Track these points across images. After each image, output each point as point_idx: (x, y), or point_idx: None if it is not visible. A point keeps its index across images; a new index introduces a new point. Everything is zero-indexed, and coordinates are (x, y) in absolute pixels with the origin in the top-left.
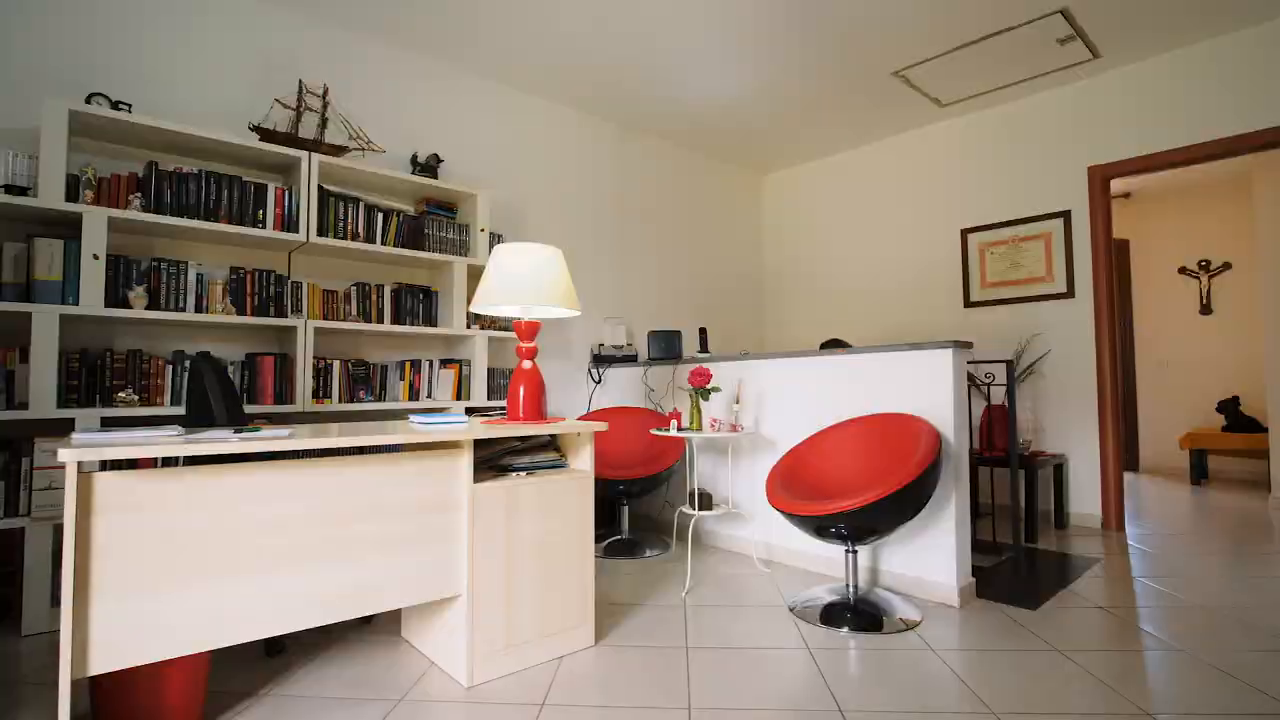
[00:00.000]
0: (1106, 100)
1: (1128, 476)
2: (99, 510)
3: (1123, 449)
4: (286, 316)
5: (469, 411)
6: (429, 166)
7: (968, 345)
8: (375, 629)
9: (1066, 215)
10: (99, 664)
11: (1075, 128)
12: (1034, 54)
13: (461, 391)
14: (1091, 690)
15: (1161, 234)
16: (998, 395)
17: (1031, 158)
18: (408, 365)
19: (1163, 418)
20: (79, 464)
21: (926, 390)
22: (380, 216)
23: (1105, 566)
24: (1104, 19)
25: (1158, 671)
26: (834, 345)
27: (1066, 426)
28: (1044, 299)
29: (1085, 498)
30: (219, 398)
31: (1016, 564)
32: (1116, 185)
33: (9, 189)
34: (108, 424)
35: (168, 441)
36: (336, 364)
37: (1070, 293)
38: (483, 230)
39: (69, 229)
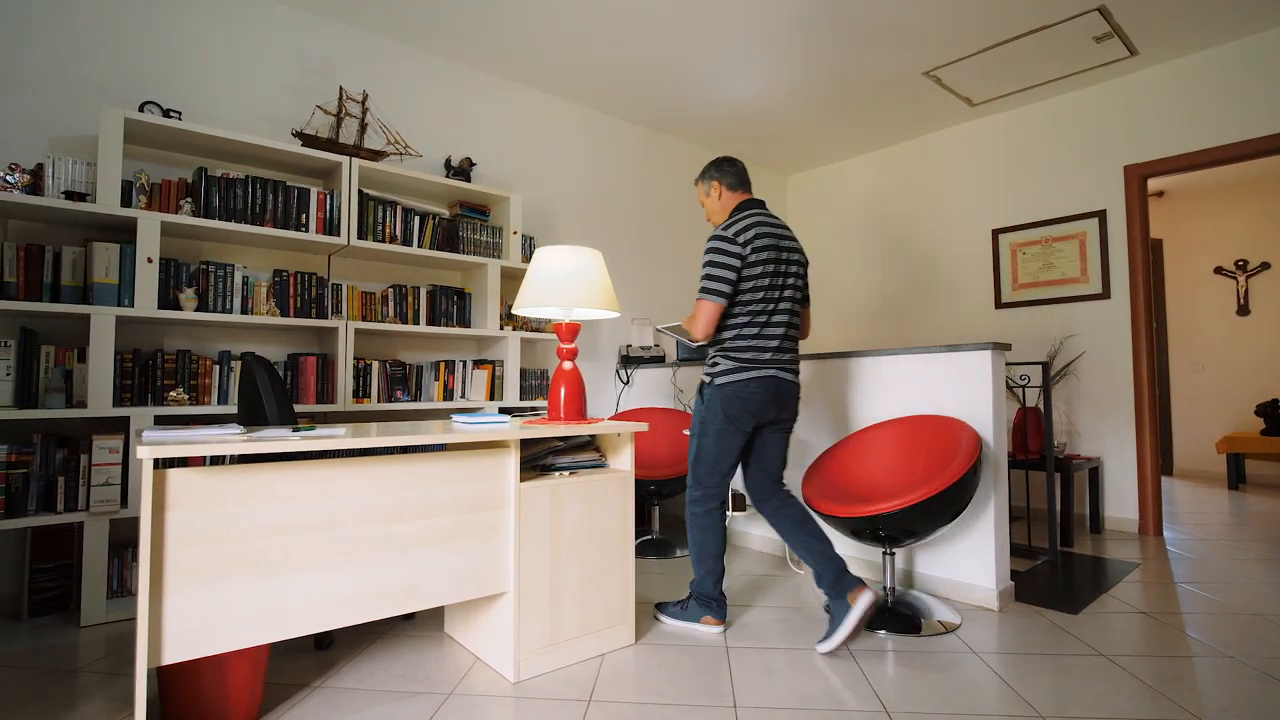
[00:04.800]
0: (1144, 98)
1: (1163, 481)
2: (171, 506)
3: (1159, 453)
4: (327, 318)
5: (503, 411)
6: (462, 170)
7: (1006, 347)
8: (418, 624)
9: (1102, 215)
10: (171, 654)
11: (1111, 126)
12: (1070, 52)
13: (495, 392)
14: (1141, 694)
15: (1197, 233)
16: (1031, 397)
17: (1066, 157)
18: (442, 366)
19: (1198, 421)
20: (160, 460)
21: (964, 392)
22: (417, 219)
23: (1144, 571)
24: (1142, 16)
25: (1207, 677)
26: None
27: (1101, 429)
28: (1078, 300)
29: (1121, 502)
30: (271, 397)
31: (1054, 568)
32: (1150, 184)
33: (69, 195)
34: (160, 422)
35: (236, 440)
36: (375, 364)
37: (1106, 294)
38: (515, 232)
39: (124, 233)
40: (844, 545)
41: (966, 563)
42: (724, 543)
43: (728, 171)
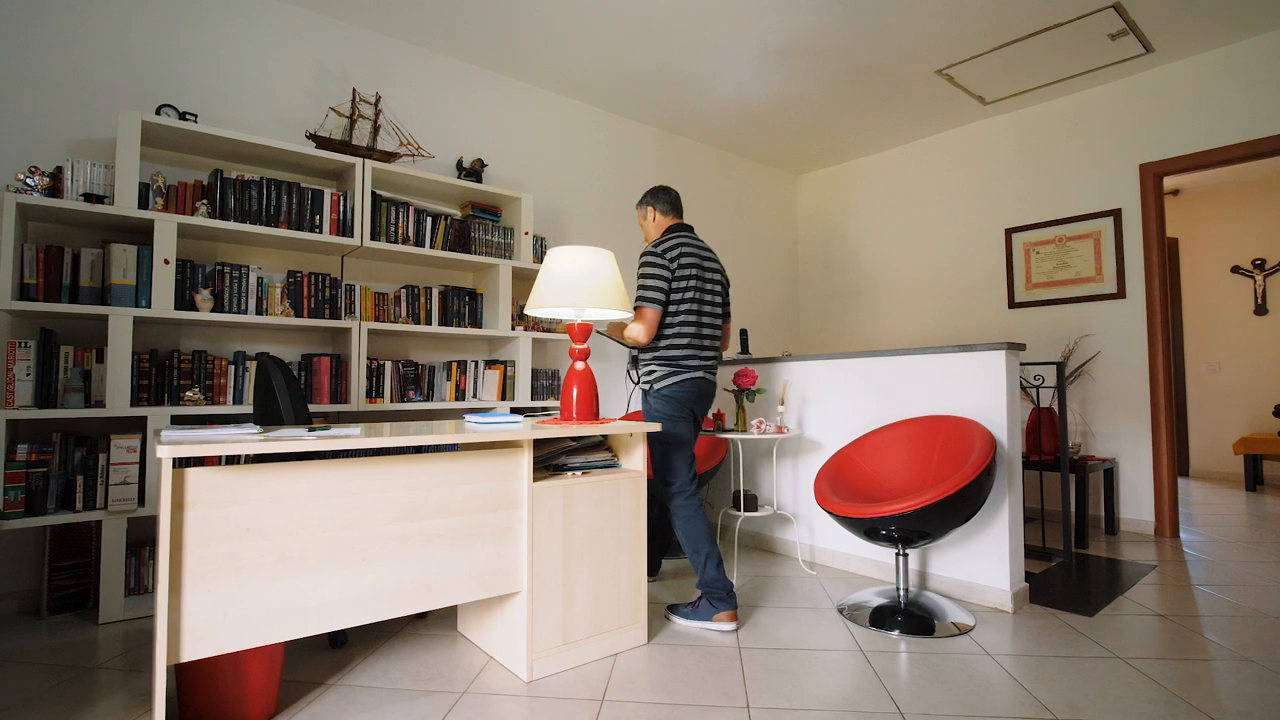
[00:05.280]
0: (1159, 96)
1: (1179, 482)
2: (190, 504)
3: (1175, 454)
4: (341, 318)
5: (514, 412)
6: (474, 171)
7: (1020, 347)
8: (431, 623)
9: (1117, 214)
10: (190, 651)
11: (1126, 124)
12: (1084, 50)
13: (506, 392)
14: (1158, 698)
15: (1212, 232)
16: (1045, 398)
17: (1080, 155)
18: (454, 366)
19: (1214, 422)
20: (177, 460)
21: (978, 392)
22: (429, 220)
23: (1161, 573)
24: (1158, 13)
25: (1227, 680)
26: None
27: (1117, 430)
28: (1093, 299)
29: (1137, 503)
30: (287, 397)
31: (1068, 570)
32: (1166, 182)
33: (88, 197)
34: (177, 422)
35: (254, 440)
36: (388, 364)
37: (1121, 293)
38: (526, 233)
39: (141, 235)
40: (857, 546)
41: (980, 564)
42: (709, 524)
43: (662, 199)
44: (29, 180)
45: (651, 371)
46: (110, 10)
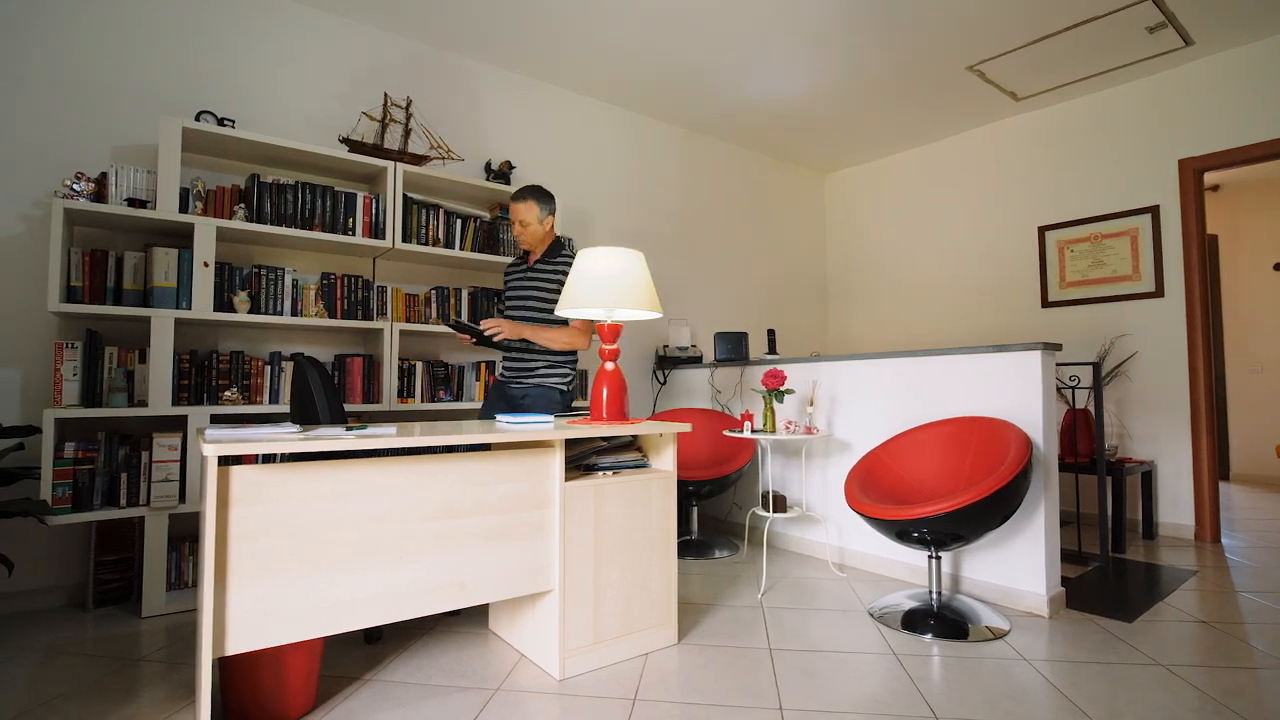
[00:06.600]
0: (1199, 89)
1: (1220, 486)
2: (234, 502)
3: (1216, 457)
4: (373, 320)
5: None
6: (502, 173)
7: (1057, 347)
8: (463, 620)
9: (1155, 210)
10: (234, 645)
11: (1165, 119)
12: (1121, 43)
13: None
14: (1202, 706)
15: (1254, 229)
16: (1080, 399)
17: (1116, 151)
18: (483, 366)
19: (1256, 424)
20: (219, 458)
21: (1012, 393)
22: (458, 222)
23: (1202, 579)
24: (1198, 4)
25: (1273, 689)
26: None
27: (1155, 432)
28: (1130, 298)
29: (1176, 507)
30: (323, 397)
31: (1106, 575)
32: (1205, 178)
33: (131, 202)
34: (216, 421)
35: (296, 439)
36: (419, 365)
37: (1159, 292)
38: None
39: (182, 239)
40: (887, 548)
41: (1015, 568)
42: None
43: (555, 208)
44: (75, 186)
45: (566, 375)
46: (149, 19)
